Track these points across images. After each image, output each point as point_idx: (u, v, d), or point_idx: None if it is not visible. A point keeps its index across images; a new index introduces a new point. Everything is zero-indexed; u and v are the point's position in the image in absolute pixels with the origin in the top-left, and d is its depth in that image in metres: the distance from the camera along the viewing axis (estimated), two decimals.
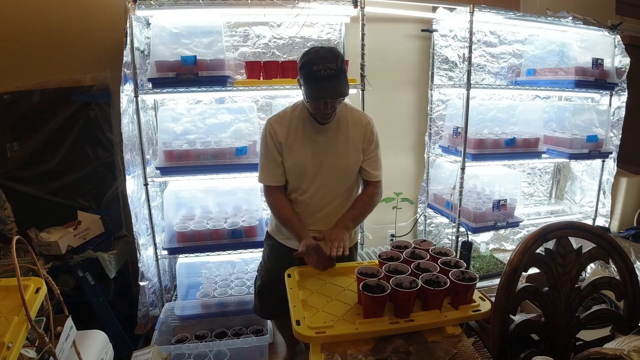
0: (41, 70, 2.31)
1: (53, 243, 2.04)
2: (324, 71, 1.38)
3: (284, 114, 1.62)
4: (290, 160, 1.58)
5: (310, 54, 1.43)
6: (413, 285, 1.23)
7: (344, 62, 1.44)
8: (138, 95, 2.09)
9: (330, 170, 1.59)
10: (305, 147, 1.57)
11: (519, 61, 2.95)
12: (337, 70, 1.40)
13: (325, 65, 1.38)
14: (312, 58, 1.41)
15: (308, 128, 1.58)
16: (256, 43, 2.51)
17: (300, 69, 1.45)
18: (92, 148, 2.33)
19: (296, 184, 1.63)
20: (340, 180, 1.63)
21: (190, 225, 2.28)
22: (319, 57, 1.40)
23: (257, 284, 1.87)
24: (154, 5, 2.04)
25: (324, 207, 1.64)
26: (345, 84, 1.44)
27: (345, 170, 1.62)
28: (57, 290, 1.26)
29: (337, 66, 1.40)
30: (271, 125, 1.59)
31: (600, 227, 2.89)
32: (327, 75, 1.39)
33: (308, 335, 1.15)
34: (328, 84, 1.40)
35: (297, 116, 1.59)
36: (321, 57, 1.40)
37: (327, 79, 1.39)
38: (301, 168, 1.59)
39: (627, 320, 1.20)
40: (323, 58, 1.39)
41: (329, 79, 1.39)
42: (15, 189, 2.27)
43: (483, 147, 2.52)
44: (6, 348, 0.94)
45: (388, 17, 2.69)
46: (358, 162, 1.64)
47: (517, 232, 3.29)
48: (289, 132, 1.57)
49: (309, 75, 1.41)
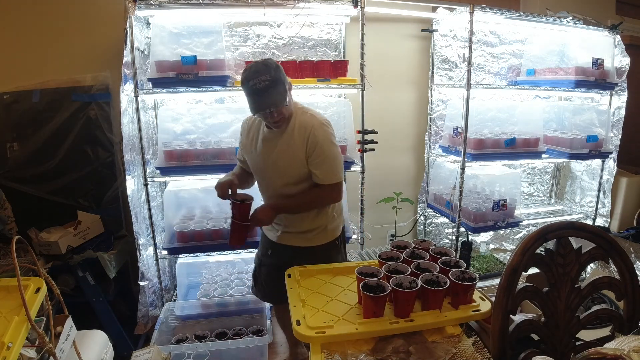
0: (41, 70, 2.31)
1: (53, 243, 2.04)
2: (258, 84, 1.47)
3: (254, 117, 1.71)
4: (246, 154, 1.78)
5: (246, 71, 1.52)
6: (413, 285, 1.23)
7: (278, 70, 1.51)
8: (138, 95, 2.08)
9: (276, 171, 1.67)
10: (253, 148, 1.71)
11: (519, 61, 2.95)
12: (271, 81, 1.47)
13: (259, 78, 1.47)
14: (247, 74, 1.50)
15: (261, 131, 1.70)
16: (256, 43, 2.51)
17: (242, 85, 1.53)
18: (92, 148, 2.34)
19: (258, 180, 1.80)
20: (282, 182, 1.67)
21: (190, 225, 2.28)
22: (252, 72, 1.49)
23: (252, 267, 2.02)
24: (154, 5, 2.04)
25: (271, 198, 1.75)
26: (280, 92, 1.50)
27: (291, 171, 1.64)
28: (57, 290, 1.26)
29: (270, 76, 1.48)
30: (242, 124, 1.80)
31: (600, 227, 2.89)
32: (261, 87, 1.47)
33: (308, 335, 1.15)
34: (263, 95, 1.48)
35: (259, 120, 1.69)
36: (254, 71, 1.49)
37: (261, 91, 1.47)
38: (254, 168, 1.76)
39: (627, 320, 1.20)
40: (256, 72, 1.48)
41: (263, 91, 1.47)
42: (15, 189, 2.27)
43: (483, 147, 2.52)
44: (6, 348, 0.94)
45: (388, 17, 2.69)
46: (299, 166, 1.63)
47: (517, 232, 3.29)
48: (249, 132, 1.74)
49: (246, 90, 1.51)
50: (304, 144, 1.60)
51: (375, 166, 2.75)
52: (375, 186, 2.86)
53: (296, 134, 1.61)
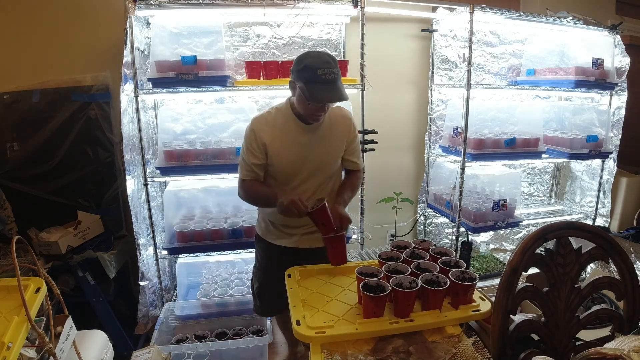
0: (41, 70, 2.31)
1: (53, 243, 2.04)
2: (328, 75, 1.44)
3: (268, 114, 1.64)
4: (277, 160, 1.61)
5: (312, 57, 1.47)
6: (413, 285, 1.23)
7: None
8: (138, 95, 2.09)
9: (315, 167, 1.64)
10: (291, 147, 1.60)
11: (519, 61, 2.95)
12: (337, 75, 1.47)
13: (330, 69, 1.44)
14: (315, 62, 1.45)
15: (293, 128, 1.60)
16: (256, 43, 2.51)
17: (301, 71, 1.47)
18: (92, 148, 2.34)
19: (285, 179, 1.66)
20: (325, 175, 1.69)
21: (190, 225, 2.28)
22: (322, 62, 1.45)
23: (255, 286, 1.90)
24: (154, 5, 2.04)
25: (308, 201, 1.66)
26: (343, 88, 1.49)
27: (330, 166, 1.69)
28: (57, 290, 1.26)
29: (337, 71, 1.47)
30: (256, 125, 1.61)
31: (600, 227, 2.89)
32: (330, 79, 1.44)
33: (308, 335, 1.15)
34: (332, 87, 1.45)
35: (281, 117, 1.61)
36: (325, 61, 1.45)
37: (330, 82, 1.45)
38: (288, 168, 1.62)
39: (627, 320, 1.20)
40: (326, 63, 1.45)
41: (331, 83, 1.45)
42: (15, 189, 2.27)
43: (483, 147, 2.52)
44: (6, 348, 0.94)
45: (388, 17, 2.69)
46: (340, 156, 1.71)
47: (517, 232, 3.29)
48: (274, 133, 1.59)
49: (312, 78, 1.44)
50: (347, 134, 1.68)
51: (375, 166, 2.75)
52: (375, 186, 2.86)
53: (337, 125, 1.65)
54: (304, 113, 1.55)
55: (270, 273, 1.77)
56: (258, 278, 1.87)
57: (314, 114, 1.53)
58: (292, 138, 1.60)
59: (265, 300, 1.86)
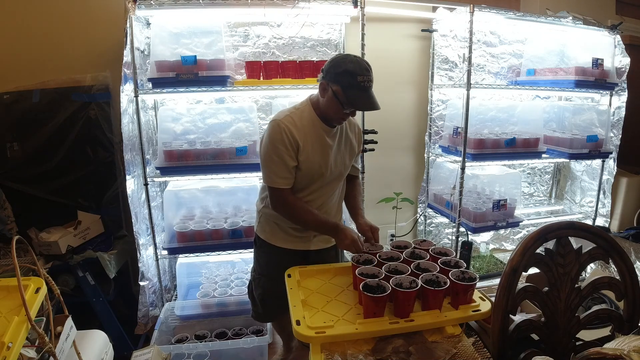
0: (41, 70, 2.31)
1: (53, 243, 2.04)
2: (366, 82, 1.44)
3: (293, 114, 1.55)
4: (307, 162, 1.53)
5: (352, 62, 1.43)
6: (413, 285, 1.23)
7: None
8: (138, 95, 2.09)
9: (336, 172, 1.63)
10: (319, 150, 1.55)
11: (519, 61, 2.95)
12: (372, 83, 1.47)
13: (368, 77, 1.44)
14: (356, 68, 1.42)
15: (319, 131, 1.55)
16: (256, 43, 2.51)
17: (340, 75, 1.42)
18: (92, 148, 2.33)
19: (306, 184, 1.59)
20: (341, 180, 1.70)
21: (190, 225, 2.28)
22: (362, 69, 1.43)
23: (256, 292, 1.82)
24: (154, 5, 2.04)
25: (323, 205, 1.67)
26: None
27: (348, 169, 1.71)
28: (57, 290, 1.25)
29: (373, 79, 1.47)
30: (287, 127, 1.49)
31: (600, 227, 2.89)
32: (368, 87, 1.45)
33: (308, 335, 1.15)
34: (370, 95, 1.46)
35: (306, 118, 1.54)
36: (364, 68, 1.44)
37: (367, 90, 1.45)
38: (316, 170, 1.56)
39: (627, 320, 1.20)
40: (366, 70, 1.44)
41: (368, 91, 1.46)
42: (15, 189, 2.26)
43: (483, 147, 2.52)
44: (6, 348, 0.94)
45: (388, 17, 2.69)
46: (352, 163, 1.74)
47: (517, 232, 3.29)
48: (305, 134, 1.53)
49: (352, 83, 1.42)
50: (359, 141, 1.73)
51: (375, 166, 2.74)
52: (375, 186, 2.86)
53: (350, 133, 1.68)
54: (333, 115, 1.51)
55: (276, 278, 1.59)
56: (261, 284, 1.78)
57: (343, 118, 1.53)
58: (318, 140, 1.55)
59: (269, 306, 1.79)
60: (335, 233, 1.55)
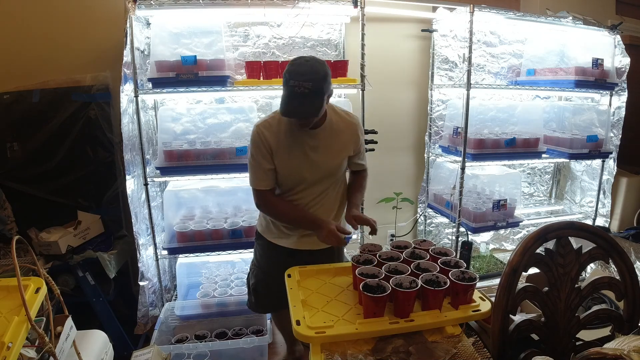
0: (41, 70, 2.31)
1: (53, 243, 2.04)
2: (297, 88, 1.35)
3: (272, 118, 1.58)
4: (283, 165, 1.56)
5: (294, 65, 1.40)
6: (413, 285, 1.23)
7: (323, 80, 1.39)
8: (138, 95, 2.09)
9: (322, 172, 1.62)
10: (296, 151, 1.56)
11: (519, 61, 2.95)
12: (311, 90, 1.36)
13: (300, 82, 1.35)
14: (291, 70, 1.38)
15: (297, 133, 1.55)
16: (256, 43, 2.51)
17: (283, 75, 1.42)
18: (92, 148, 2.33)
19: (289, 186, 1.62)
20: (331, 179, 1.67)
21: (190, 225, 2.28)
22: (297, 73, 1.36)
23: (251, 282, 1.89)
24: (154, 5, 2.04)
25: (314, 205, 1.67)
26: (315, 105, 1.40)
27: (337, 170, 1.67)
28: (57, 290, 1.26)
29: (312, 86, 1.36)
30: (262, 131, 1.54)
31: (600, 227, 2.89)
32: (299, 93, 1.36)
33: (308, 335, 1.15)
34: (298, 102, 1.37)
35: (285, 121, 1.54)
36: (300, 73, 1.36)
37: (298, 97, 1.36)
38: (295, 172, 1.58)
39: (627, 320, 1.20)
40: (301, 74, 1.36)
41: (299, 97, 1.36)
42: (15, 189, 2.26)
43: (483, 147, 2.52)
44: (6, 348, 0.94)
45: (388, 17, 2.69)
46: (345, 162, 1.71)
47: (517, 232, 3.29)
48: (279, 137, 1.54)
49: (284, 87, 1.40)
50: (353, 141, 1.67)
51: (375, 166, 2.73)
52: (375, 186, 2.85)
53: (343, 131, 1.64)
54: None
55: (267, 271, 1.78)
56: (255, 274, 1.85)
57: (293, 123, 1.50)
58: (296, 142, 1.55)
59: (260, 296, 1.85)
60: (314, 227, 1.57)
